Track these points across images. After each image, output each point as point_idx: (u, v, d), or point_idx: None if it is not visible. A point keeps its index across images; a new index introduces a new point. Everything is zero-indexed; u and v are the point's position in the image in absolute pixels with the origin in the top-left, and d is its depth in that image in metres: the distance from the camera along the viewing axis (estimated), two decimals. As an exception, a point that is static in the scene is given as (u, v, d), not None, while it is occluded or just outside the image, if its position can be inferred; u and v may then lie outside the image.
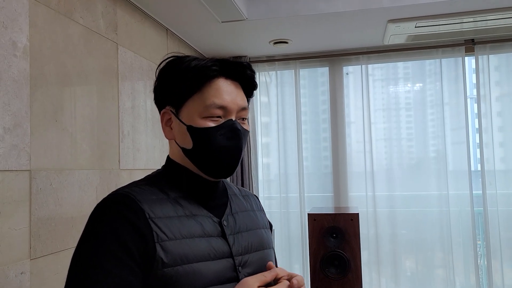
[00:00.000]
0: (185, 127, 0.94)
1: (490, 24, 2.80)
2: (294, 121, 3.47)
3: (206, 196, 0.98)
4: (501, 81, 3.19)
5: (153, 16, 2.54)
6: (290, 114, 3.50)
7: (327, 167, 3.48)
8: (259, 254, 1.00)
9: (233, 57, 3.44)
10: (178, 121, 0.96)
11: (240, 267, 0.94)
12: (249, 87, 1.01)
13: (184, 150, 0.96)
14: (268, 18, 2.65)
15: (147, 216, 0.86)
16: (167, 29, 2.74)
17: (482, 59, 3.17)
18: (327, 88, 3.50)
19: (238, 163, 0.96)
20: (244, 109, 0.97)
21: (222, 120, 0.94)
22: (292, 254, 3.43)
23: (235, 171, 3.28)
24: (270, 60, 3.49)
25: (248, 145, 3.38)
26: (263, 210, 1.17)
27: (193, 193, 0.97)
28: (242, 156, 0.97)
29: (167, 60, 0.98)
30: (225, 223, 0.97)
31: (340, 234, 2.60)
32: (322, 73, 3.54)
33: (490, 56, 3.17)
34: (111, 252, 0.82)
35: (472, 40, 3.16)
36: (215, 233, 0.93)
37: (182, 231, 0.88)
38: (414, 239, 3.28)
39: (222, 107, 0.93)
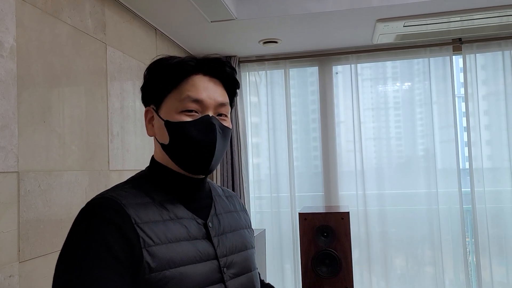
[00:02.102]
0: (163, 122, 0.95)
1: (477, 23, 2.83)
2: (284, 121, 3.48)
3: (191, 197, 0.98)
4: (487, 80, 3.23)
5: (142, 16, 2.52)
6: (280, 114, 3.50)
7: (318, 166, 3.49)
8: (242, 255, 1.02)
9: (222, 56, 3.43)
10: (158, 117, 0.97)
11: (225, 268, 0.95)
12: (230, 84, 1.02)
13: (162, 146, 0.97)
14: (257, 18, 2.65)
15: (133, 221, 0.86)
16: (156, 29, 2.73)
17: (470, 58, 3.20)
18: (316, 88, 3.51)
19: (214, 158, 0.94)
20: (223, 105, 0.98)
21: (198, 116, 0.94)
22: (283, 253, 3.43)
23: (226, 172, 3.32)
24: (260, 60, 3.49)
25: (238, 145, 3.38)
26: (246, 210, 1.19)
27: (178, 194, 0.97)
28: (219, 152, 0.96)
29: (153, 60, 1.00)
30: (210, 224, 0.97)
31: (331, 233, 2.61)
32: (311, 73, 3.55)
33: (477, 55, 3.21)
34: (99, 258, 0.81)
35: (460, 39, 3.19)
36: (200, 236, 0.94)
37: (168, 236, 0.88)
38: (404, 237, 3.30)
39: (197, 101, 0.94)
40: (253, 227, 3.62)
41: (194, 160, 0.93)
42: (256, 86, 3.54)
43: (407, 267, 3.32)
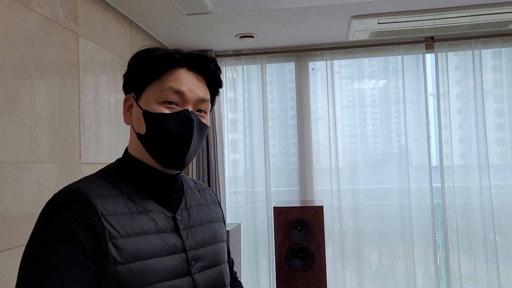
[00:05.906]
0: (141, 111, 0.95)
1: (449, 22, 2.89)
2: (261, 117, 3.48)
3: (162, 191, 0.98)
4: (460, 79, 3.30)
5: (116, 7, 2.48)
6: (258, 110, 3.50)
7: (295, 163, 3.50)
8: (212, 248, 1.02)
9: (199, 50, 3.40)
10: (137, 106, 0.97)
11: (193, 261, 0.95)
12: (213, 82, 1.02)
13: (138, 135, 0.96)
14: (233, 12, 2.64)
15: (100, 213, 0.85)
16: (130, 21, 2.69)
17: (441, 56, 3.27)
18: (295, 85, 3.52)
19: (188, 154, 0.94)
20: (203, 100, 0.98)
21: (178, 109, 0.94)
22: (258, 247, 3.44)
23: (202, 167, 3.30)
24: (237, 54, 3.49)
25: (215, 140, 3.37)
26: (219, 204, 1.19)
27: (148, 188, 0.96)
28: (194, 148, 0.95)
29: (139, 49, 1.00)
30: (179, 218, 0.97)
31: (305, 226, 2.64)
32: (290, 70, 3.55)
33: (449, 53, 3.28)
34: (67, 252, 0.81)
35: (432, 37, 3.26)
36: (168, 229, 0.94)
37: (134, 228, 0.88)
38: (377, 232, 3.36)
39: (178, 93, 0.94)
40: (228, 221, 3.62)
41: (168, 153, 0.93)
42: (233, 81, 3.53)
43: (380, 262, 3.38)
